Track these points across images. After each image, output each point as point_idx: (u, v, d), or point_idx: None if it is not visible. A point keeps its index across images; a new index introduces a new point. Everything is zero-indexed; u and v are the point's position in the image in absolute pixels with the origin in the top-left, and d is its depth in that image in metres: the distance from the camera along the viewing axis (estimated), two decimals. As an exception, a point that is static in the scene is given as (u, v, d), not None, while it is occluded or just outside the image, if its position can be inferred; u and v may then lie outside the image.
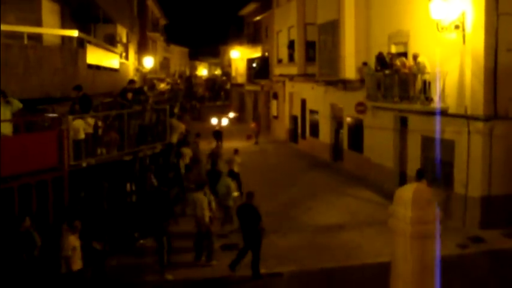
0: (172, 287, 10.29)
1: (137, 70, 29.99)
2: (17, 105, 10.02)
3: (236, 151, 17.48)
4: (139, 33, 32.33)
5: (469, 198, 13.09)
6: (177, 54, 62.83)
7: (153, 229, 10.88)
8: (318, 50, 22.30)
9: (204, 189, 11.60)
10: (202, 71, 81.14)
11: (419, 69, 14.33)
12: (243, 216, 10.62)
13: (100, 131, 12.24)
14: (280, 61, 30.12)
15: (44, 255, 8.88)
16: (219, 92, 63.62)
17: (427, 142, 14.96)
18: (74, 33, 13.94)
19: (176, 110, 26.25)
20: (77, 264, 8.76)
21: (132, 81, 15.30)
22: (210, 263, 11.19)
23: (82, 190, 11.01)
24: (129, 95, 13.73)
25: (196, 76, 74.93)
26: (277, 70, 30.48)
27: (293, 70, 26.55)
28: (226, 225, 13.15)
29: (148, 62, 32.40)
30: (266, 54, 34.86)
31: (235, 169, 16.71)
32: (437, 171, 13.97)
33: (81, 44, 14.58)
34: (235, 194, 13.82)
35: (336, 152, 22.87)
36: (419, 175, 12.55)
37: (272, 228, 11.36)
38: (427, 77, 14.14)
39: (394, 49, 16.99)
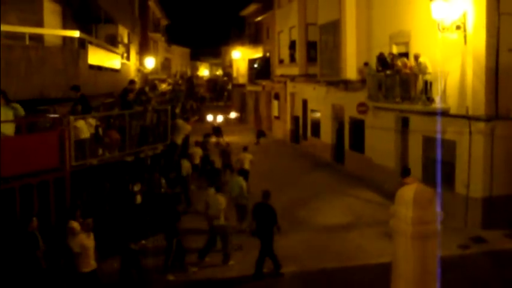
0: (174, 287, 10.29)
1: (138, 70, 29.99)
2: (20, 112, 10.05)
3: (245, 148, 17.75)
4: (140, 34, 32.32)
5: (470, 199, 13.08)
6: (179, 55, 62.84)
7: (165, 230, 10.90)
8: (319, 51, 22.29)
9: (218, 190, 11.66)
10: (204, 72, 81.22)
11: (421, 69, 14.32)
12: (259, 215, 10.61)
13: (100, 131, 12.26)
14: (281, 61, 30.09)
15: (46, 256, 8.87)
16: (221, 93, 63.57)
17: (429, 142, 14.95)
18: (76, 33, 13.97)
19: (178, 111, 26.27)
20: (89, 265, 8.69)
21: (132, 82, 15.32)
22: (227, 264, 11.14)
23: (84, 191, 11.01)
24: (131, 96, 13.76)
25: (197, 77, 74.97)
26: (278, 70, 30.46)
27: (294, 70, 26.53)
28: (243, 223, 13.12)
29: (150, 62, 32.41)
30: (267, 54, 34.82)
31: (246, 166, 16.79)
32: (439, 171, 13.96)
33: (82, 44, 14.59)
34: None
35: (338, 152, 22.86)
36: (406, 172, 12.66)
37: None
38: (428, 77, 14.13)
39: (395, 49, 16.99)
